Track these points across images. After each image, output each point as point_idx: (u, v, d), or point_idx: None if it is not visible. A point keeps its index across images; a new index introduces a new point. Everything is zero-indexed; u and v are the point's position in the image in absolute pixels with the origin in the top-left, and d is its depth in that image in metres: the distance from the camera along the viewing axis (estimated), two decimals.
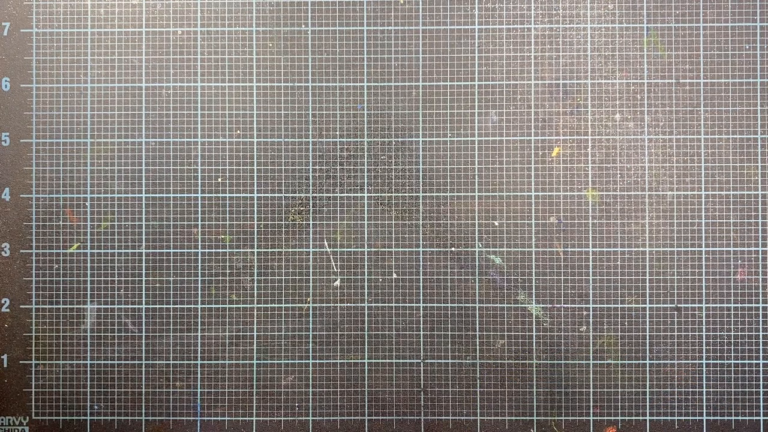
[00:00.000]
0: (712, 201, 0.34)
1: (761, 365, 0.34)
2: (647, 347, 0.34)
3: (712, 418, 0.34)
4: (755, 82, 0.34)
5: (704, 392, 0.34)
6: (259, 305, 0.34)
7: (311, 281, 0.34)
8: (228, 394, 0.34)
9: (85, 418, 0.34)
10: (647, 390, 0.34)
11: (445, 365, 0.34)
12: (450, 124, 0.34)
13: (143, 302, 0.34)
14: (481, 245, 0.34)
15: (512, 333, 0.34)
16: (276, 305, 0.34)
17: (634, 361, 0.34)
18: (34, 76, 0.35)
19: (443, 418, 0.34)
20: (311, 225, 0.34)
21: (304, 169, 0.35)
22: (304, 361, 0.34)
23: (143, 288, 0.34)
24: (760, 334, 0.34)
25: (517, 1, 0.35)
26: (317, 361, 0.34)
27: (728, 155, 0.34)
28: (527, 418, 0.34)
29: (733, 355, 0.34)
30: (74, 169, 0.34)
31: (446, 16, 0.35)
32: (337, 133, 0.35)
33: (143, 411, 0.34)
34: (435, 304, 0.34)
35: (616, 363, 0.34)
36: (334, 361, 0.34)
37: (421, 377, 0.34)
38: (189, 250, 0.34)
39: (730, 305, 0.34)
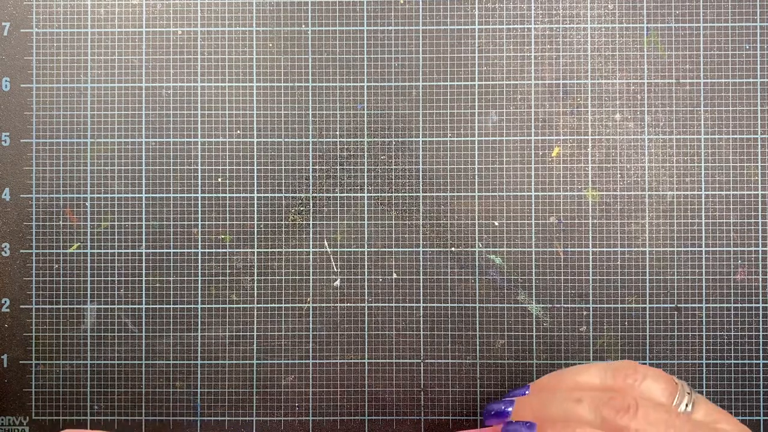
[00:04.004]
0: (712, 201, 0.34)
1: (761, 365, 0.34)
2: (647, 347, 0.34)
3: None
4: (755, 82, 0.34)
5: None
6: (259, 305, 0.34)
7: (311, 281, 0.34)
8: (228, 394, 0.34)
9: (85, 418, 0.34)
10: None
11: (445, 365, 0.34)
12: (450, 124, 0.34)
13: (143, 302, 0.34)
14: (481, 245, 0.34)
15: (512, 333, 0.34)
16: (276, 305, 0.34)
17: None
18: (34, 76, 0.35)
19: (443, 418, 0.34)
20: (311, 225, 0.34)
21: (304, 169, 0.35)
22: (304, 361, 0.34)
23: (143, 288, 0.34)
24: (760, 334, 0.34)
25: (517, 1, 0.35)
26: (317, 361, 0.34)
27: (728, 155, 0.34)
28: None
29: (733, 355, 0.34)
30: (74, 169, 0.34)
31: (446, 16, 0.35)
32: (337, 133, 0.35)
33: (143, 411, 0.34)
34: (435, 304, 0.34)
35: None
36: (334, 361, 0.34)
37: (421, 377, 0.34)
38: (189, 250, 0.34)
39: (730, 305, 0.34)
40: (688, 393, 0.26)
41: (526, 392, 0.29)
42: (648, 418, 0.24)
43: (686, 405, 0.25)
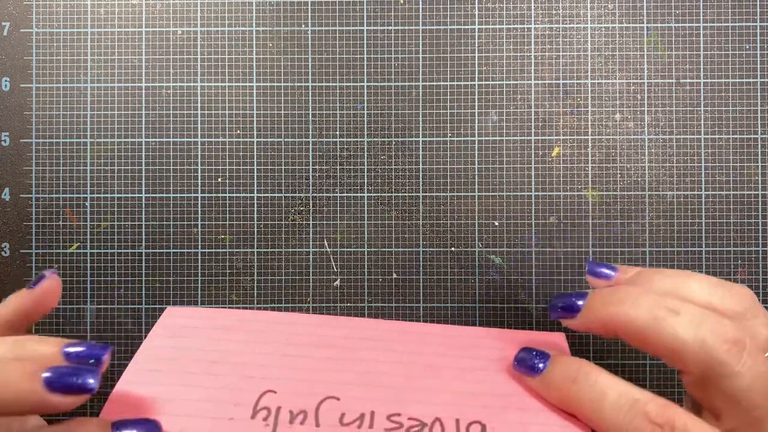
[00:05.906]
0: (712, 201, 0.34)
1: None
2: None
3: None
4: (755, 82, 0.34)
5: None
6: (259, 305, 0.34)
7: (311, 281, 0.34)
8: None
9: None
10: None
11: None
12: (450, 124, 0.34)
13: (143, 302, 0.34)
14: (481, 245, 0.34)
15: None
16: (276, 305, 0.34)
17: (634, 361, 0.34)
18: (34, 76, 0.35)
19: None
20: (311, 225, 0.34)
21: (304, 169, 0.35)
22: None
23: (143, 288, 0.34)
24: None
25: (517, 1, 0.35)
26: None
27: (728, 155, 0.34)
28: None
29: None
30: (74, 169, 0.34)
31: (446, 16, 0.35)
32: (337, 133, 0.35)
33: None
34: (435, 304, 0.34)
35: (616, 363, 0.34)
36: None
37: None
38: (189, 250, 0.34)
39: None
40: None
41: (614, 273, 0.24)
42: (757, 367, 0.20)
43: None
